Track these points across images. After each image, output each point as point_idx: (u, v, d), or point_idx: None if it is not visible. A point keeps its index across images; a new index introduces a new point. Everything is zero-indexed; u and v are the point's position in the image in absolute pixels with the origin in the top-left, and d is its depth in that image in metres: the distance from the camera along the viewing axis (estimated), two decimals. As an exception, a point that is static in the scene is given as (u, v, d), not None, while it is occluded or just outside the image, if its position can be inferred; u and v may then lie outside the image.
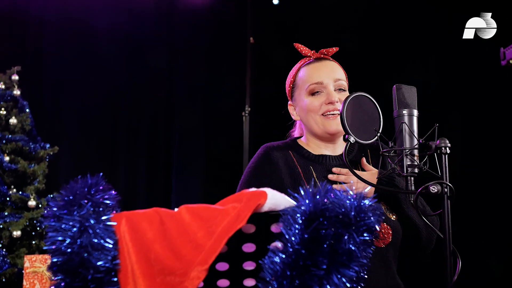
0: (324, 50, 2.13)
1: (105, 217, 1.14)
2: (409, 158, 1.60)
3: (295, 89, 2.13)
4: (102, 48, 4.76)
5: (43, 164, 4.44)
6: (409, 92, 1.67)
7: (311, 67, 2.11)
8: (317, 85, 2.06)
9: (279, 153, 2.07)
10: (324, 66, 2.10)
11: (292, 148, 2.11)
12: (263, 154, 2.07)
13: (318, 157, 2.08)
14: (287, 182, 2.00)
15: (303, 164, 2.05)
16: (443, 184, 1.50)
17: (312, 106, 2.05)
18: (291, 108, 2.17)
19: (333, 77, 2.08)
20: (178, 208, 1.18)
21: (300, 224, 1.13)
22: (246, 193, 1.16)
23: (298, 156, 2.08)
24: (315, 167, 2.05)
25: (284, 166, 2.03)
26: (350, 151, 2.12)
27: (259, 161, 2.07)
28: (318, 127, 2.06)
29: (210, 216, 1.14)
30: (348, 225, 1.13)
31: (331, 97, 2.04)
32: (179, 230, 1.14)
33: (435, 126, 1.61)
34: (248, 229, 1.22)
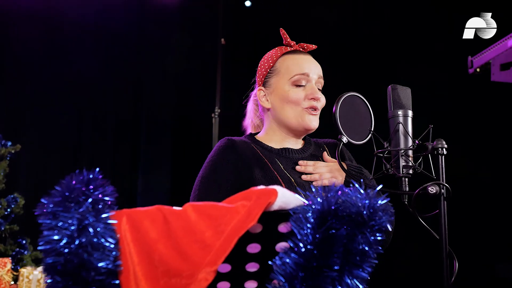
0: (305, 45, 2.04)
1: (105, 214, 1.05)
2: (404, 159, 1.56)
3: (273, 75, 2.00)
4: (68, 43, 4.58)
5: (3, 162, 4.22)
6: (404, 92, 1.63)
7: (297, 57, 2.01)
8: (303, 76, 1.96)
9: (242, 144, 1.95)
10: (310, 60, 2.02)
11: (252, 142, 1.99)
12: (227, 145, 1.93)
13: (281, 150, 1.98)
14: (257, 174, 1.88)
15: (268, 156, 1.94)
16: (441, 184, 1.46)
17: (295, 97, 1.95)
18: (261, 93, 2.02)
19: (317, 73, 2.00)
20: (182, 206, 1.10)
21: (312, 224, 1.06)
22: (255, 190, 1.09)
23: (261, 148, 1.97)
24: (280, 160, 1.95)
25: (251, 157, 1.92)
26: (308, 146, 2.05)
27: (223, 152, 1.90)
28: (296, 120, 1.96)
29: (218, 215, 1.07)
30: (362, 225, 1.07)
31: (316, 93, 1.96)
32: (184, 229, 1.06)
33: (430, 127, 1.58)
34: (255, 229, 1.14)
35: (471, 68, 3.59)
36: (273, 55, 2.03)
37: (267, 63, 2.03)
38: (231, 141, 1.94)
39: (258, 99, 2.04)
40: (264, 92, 2.03)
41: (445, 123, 4.06)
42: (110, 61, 4.70)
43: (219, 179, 1.86)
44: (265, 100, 2.02)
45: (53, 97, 4.58)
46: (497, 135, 4.32)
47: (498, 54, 3.36)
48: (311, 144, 2.07)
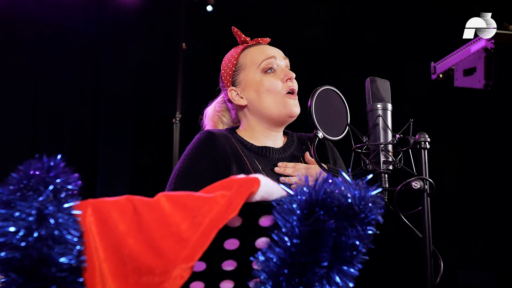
0: (260, 39, 1.97)
1: (67, 204, 0.92)
2: (384, 154, 1.47)
3: (240, 71, 1.91)
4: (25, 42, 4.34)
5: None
6: (383, 85, 1.55)
7: (258, 47, 1.94)
8: (271, 60, 1.89)
9: (223, 138, 1.84)
10: (271, 46, 1.96)
11: (233, 137, 1.88)
12: (206, 138, 1.81)
13: (261, 149, 1.88)
14: (234, 171, 1.77)
15: (247, 155, 1.84)
16: (424, 180, 1.38)
17: (270, 84, 1.86)
18: (233, 93, 1.91)
19: (282, 56, 1.94)
20: (155, 196, 0.98)
21: (298, 215, 0.96)
22: (236, 179, 0.98)
23: (241, 145, 1.87)
24: (259, 160, 1.85)
25: (231, 153, 1.81)
26: (290, 144, 1.95)
27: (202, 145, 1.79)
28: (278, 108, 1.86)
29: (195, 205, 0.95)
30: (352, 217, 0.97)
31: (289, 72, 1.87)
32: (158, 222, 0.94)
33: (410, 121, 1.50)
34: (233, 223, 1.03)
35: (434, 74, 3.59)
36: (233, 54, 1.95)
37: (230, 63, 1.94)
38: (211, 134, 1.82)
39: (232, 100, 1.94)
40: (236, 91, 1.92)
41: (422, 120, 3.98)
42: (68, 62, 4.50)
43: (196, 173, 1.74)
44: (239, 98, 1.92)
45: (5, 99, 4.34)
46: (468, 134, 4.30)
47: (461, 60, 3.35)
48: (293, 141, 1.97)
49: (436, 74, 3.63)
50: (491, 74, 3.20)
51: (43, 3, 4.33)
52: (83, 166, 4.55)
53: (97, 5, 4.59)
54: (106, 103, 4.64)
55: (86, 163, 4.58)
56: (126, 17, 4.65)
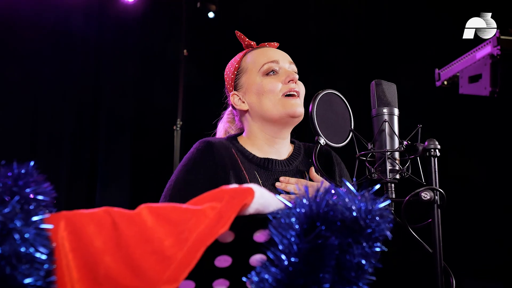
0: (266, 44, 1.87)
1: (37, 217, 0.81)
2: (390, 162, 1.35)
3: (242, 75, 1.81)
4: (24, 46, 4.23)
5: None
6: (389, 88, 1.43)
7: (261, 50, 1.83)
8: (273, 64, 1.76)
9: (222, 148, 1.72)
10: (276, 49, 1.84)
11: (234, 146, 1.76)
12: (205, 148, 1.69)
13: (263, 161, 1.74)
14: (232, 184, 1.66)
15: (247, 167, 1.72)
16: (435, 190, 1.26)
17: (270, 86, 1.74)
18: (235, 97, 1.81)
19: (287, 59, 1.81)
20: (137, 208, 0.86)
21: (297, 231, 0.84)
22: (228, 189, 0.87)
23: (242, 156, 1.74)
24: (260, 173, 1.72)
25: (229, 164, 1.69)
26: (296, 156, 1.81)
27: (200, 155, 1.68)
28: (276, 109, 1.73)
29: (181, 219, 0.83)
30: (357, 233, 0.85)
31: (291, 74, 1.74)
32: (138, 237, 0.82)
33: (419, 127, 1.38)
34: (225, 238, 0.91)
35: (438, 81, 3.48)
36: (236, 58, 1.86)
37: (232, 67, 1.84)
38: (209, 144, 1.70)
39: (234, 105, 1.83)
40: (238, 96, 1.81)
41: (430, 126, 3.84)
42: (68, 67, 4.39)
43: (192, 184, 1.63)
44: (240, 103, 1.81)
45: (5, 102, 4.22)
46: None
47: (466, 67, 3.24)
48: (300, 153, 1.82)
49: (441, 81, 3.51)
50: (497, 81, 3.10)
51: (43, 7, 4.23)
52: (82, 173, 4.44)
53: (98, 10, 4.49)
54: (106, 109, 4.53)
55: (85, 170, 4.47)
56: (127, 22, 4.55)
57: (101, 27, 4.51)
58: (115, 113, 4.54)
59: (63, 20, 4.31)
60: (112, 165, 4.50)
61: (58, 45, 4.32)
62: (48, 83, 4.31)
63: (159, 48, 4.63)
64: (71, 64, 4.39)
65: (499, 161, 4.08)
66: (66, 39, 4.34)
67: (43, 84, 4.30)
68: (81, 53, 4.44)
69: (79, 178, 4.44)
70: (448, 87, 3.46)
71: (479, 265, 3.94)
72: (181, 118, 4.24)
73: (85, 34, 4.41)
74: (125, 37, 4.57)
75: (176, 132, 4.22)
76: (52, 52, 4.30)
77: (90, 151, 4.50)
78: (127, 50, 4.58)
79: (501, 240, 3.97)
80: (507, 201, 3.95)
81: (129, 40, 4.58)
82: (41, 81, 4.29)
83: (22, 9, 4.15)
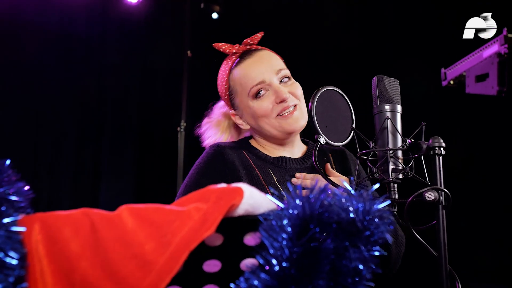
0: (249, 40, 1.76)
1: (8, 219, 0.74)
2: (393, 161, 1.28)
3: (234, 96, 1.74)
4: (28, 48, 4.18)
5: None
6: (391, 84, 1.36)
7: (244, 66, 1.71)
8: (259, 86, 1.67)
9: (232, 152, 1.68)
10: (258, 60, 1.71)
11: (245, 149, 1.72)
12: (215, 152, 1.66)
13: (277, 159, 1.70)
14: None
15: (260, 166, 1.67)
16: (439, 190, 1.18)
17: (262, 110, 1.67)
18: (236, 118, 1.76)
19: (273, 70, 1.69)
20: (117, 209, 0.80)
21: (289, 233, 0.78)
22: (214, 189, 0.80)
23: (254, 157, 1.69)
24: (275, 171, 1.67)
25: (241, 167, 1.65)
26: (310, 154, 1.75)
27: (211, 160, 1.65)
28: (275, 130, 1.68)
29: (164, 221, 0.77)
30: (355, 236, 0.79)
31: (280, 94, 1.65)
32: (118, 241, 0.76)
33: (423, 125, 1.31)
34: (213, 241, 0.85)
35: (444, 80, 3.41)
36: (223, 74, 1.76)
37: (222, 86, 1.76)
38: (220, 148, 1.67)
39: (238, 124, 1.78)
40: (237, 115, 1.77)
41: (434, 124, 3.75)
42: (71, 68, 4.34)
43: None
44: (242, 122, 1.76)
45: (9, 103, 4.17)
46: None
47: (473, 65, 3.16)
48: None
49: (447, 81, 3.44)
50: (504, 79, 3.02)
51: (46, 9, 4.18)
52: (86, 175, 4.38)
53: (102, 11, 4.44)
54: (110, 111, 4.48)
55: (89, 171, 4.41)
56: (131, 24, 4.50)
57: (104, 28, 4.45)
58: (119, 115, 4.48)
59: (66, 21, 4.26)
60: (116, 167, 4.45)
61: (61, 46, 4.27)
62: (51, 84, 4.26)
63: (162, 49, 4.57)
64: (75, 65, 4.34)
65: (508, 160, 4.00)
66: (69, 40, 4.30)
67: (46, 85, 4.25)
68: (85, 54, 4.39)
69: (83, 180, 4.39)
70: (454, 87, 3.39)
71: (484, 267, 3.85)
72: (185, 120, 4.18)
73: (88, 35, 4.36)
74: (129, 38, 4.51)
75: (180, 134, 4.16)
76: (55, 54, 4.25)
77: (94, 152, 4.45)
78: (130, 51, 4.53)
79: (506, 241, 3.88)
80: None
81: (132, 41, 4.53)
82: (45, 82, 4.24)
83: (25, 11, 4.11)
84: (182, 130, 4.15)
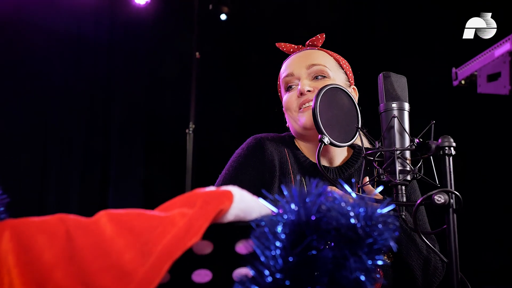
0: (310, 41, 1.70)
1: (-25, 227, 0.67)
2: (400, 162, 1.20)
3: (279, 90, 1.72)
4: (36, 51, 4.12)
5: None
6: (398, 81, 1.28)
7: (288, 60, 1.69)
8: (288, 78, 1.63)
9: (274, 148, 1.60)
10: (301, 55, 1.66)
11: (288, 146, 1.63)
12: (256, 146, 1.60)
13: (314, 167, 1.60)
14: (276, 187, 1.54)
15: (296, 171, 1.58)
16: (450, 192, 1.10)
17: (286, 102, 1.63)
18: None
19: (305, 64, 1.62)
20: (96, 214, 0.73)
21: (284, 241, 0.70)
22: (201, 193, 0.72)
23: (294, 158, 1.61)
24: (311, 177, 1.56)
25: (278, 167, 1.57)
26: (352, 162, 1.62)
27: (249, 155, 1.58)
28: (295, 125, 1.61)
29: (146, 228, 0.69)
30: (356, 243, 0.71)
31: (301, 87, 1.59)
32: (95, 250, 0.69)
33: (432, 123, 1.23)
34: (202, 249, 0.77)
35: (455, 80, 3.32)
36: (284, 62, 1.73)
37: (278, 81, 1.73)
38: (260, 142, 1.61)
39: None
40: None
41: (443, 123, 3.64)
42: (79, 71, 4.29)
43: (240, 182, 1.53)
44: None
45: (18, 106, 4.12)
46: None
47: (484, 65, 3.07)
48: (357, 159, 1.62)
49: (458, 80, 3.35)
50: (517, 79, 2.94)
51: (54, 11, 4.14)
52: (94, 177, 4.33)
53: (110, 14, 4.39)
54: (118, 113, 4.43)
55: (98, 173, 4.36)
56: (139, 26, 4.45)
57: (112, 31, 4.41)
58: (127, 117, 4.43)
59: (74, 24, 4.22)
60: (125, 169, 4.39)
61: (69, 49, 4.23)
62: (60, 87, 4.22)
63: (171, 51, 4.51)
64: (83, 68, 4.30)
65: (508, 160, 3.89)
66: (77, 42, 4.25)
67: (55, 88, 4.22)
68: (93, 56, 4.34)
69: (91, 182, 4.34)
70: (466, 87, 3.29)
71: (484, 268, 3.73)
72: (194, 121, 4.11)
73: (96, 38, 4.31)
74: (137, 40, 4.46)
75: (189, 136, 4.09)
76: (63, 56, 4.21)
77: (102, 154, 4.40)
78: (139, 52, 4.48)
79: (506, 242, 3.77)
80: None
81: (140, 43, 4.48)
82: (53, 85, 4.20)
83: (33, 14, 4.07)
84: (190, 132, 4.09)
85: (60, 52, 4.20)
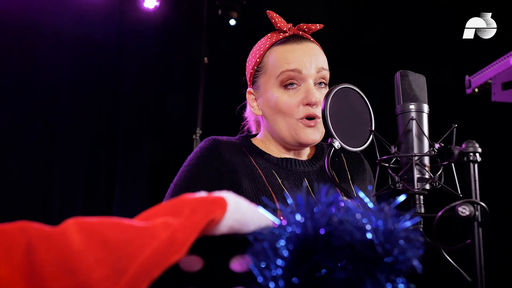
0: (305, 26, 1.54)
1: None
2: (418, 169, 1.07)
3: (261, 74, 1.50)
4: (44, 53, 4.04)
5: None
6: (417, 81, 1.15)
7: (287, 48, 1.49)
8: (294, 73, 1.45)
9: (231, 148, 1.45)
10: (306, 49, 1.49)
11: (245, 146, 1.49)
12: (211, 146, 1.43)
13: (282, 160, 1.48)
14: (246, 187, 1.38)
15: (263, 166, 1.44)
16: (475, 204, 0.97)
17: (286, 105, 1.45)
18: (251, 97, 1.54)
19: (316, 66, 1.47)
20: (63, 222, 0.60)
21: (287, 260, 0.57)
22: (189, 199, 0.60)
23: (255, 155, 1.47)
24: (279, 172, 1.45)
25: (241, 165, 1.42)
26: (320, 155, 1.54)
27: (205, 155, 1.42)
28: (289, 133, 1.46)
29: (121, 240, 0.57)
30: (373, 263, 0.58)
31: (311, 96, 1.43)
32: (59, 266, 0.56)
33: (454, 127, 1.10)
34: (191, 265, 0.65)
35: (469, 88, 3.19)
36: (261, 47, 1.53)
37: (254, 58, 1.52)
38: (216, 142, 1.43)
39: (249, 104, 1.56)
40: (253, 95, 1.53)
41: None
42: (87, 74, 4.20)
43: (196, 187, 1.32)
44: (255, 106, 1.53)
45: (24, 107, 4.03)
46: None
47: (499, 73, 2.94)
48: (323, 152, 1.54)
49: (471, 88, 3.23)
50: (532, 87, 2.81)
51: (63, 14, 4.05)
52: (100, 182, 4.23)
53: (119, 18, 4.31)
54: (125, 117, 4.34)
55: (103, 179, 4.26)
56: (147, 30, 4.37)
57: (121, 35, 4.33)
58: (134, 121, 4.34)
59: (83, 27, 4.14)
60: (131, 174, 4.30)
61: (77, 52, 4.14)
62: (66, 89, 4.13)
63: (179, 56, 4.42)
64: (90, 71, 4.21)
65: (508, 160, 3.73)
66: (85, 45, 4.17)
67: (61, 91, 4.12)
68: (101, 59, 4.25)
69: (97, 187, 4.24)
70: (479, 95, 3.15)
71: (484, 267, 3.57)
72: (201, 127, 4.00)
73: (104, 41, 4.22)
74: (145, 44, 4.38)
75: (196, 141, 3.99)
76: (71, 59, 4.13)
77: (108, 160, 4.30)
78: (147, 57, 4.39)
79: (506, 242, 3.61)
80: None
81: (149, 47, 4.38)
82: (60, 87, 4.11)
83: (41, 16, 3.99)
84: (197, 138, 3.98)
85: (68, 55, 4.12)
